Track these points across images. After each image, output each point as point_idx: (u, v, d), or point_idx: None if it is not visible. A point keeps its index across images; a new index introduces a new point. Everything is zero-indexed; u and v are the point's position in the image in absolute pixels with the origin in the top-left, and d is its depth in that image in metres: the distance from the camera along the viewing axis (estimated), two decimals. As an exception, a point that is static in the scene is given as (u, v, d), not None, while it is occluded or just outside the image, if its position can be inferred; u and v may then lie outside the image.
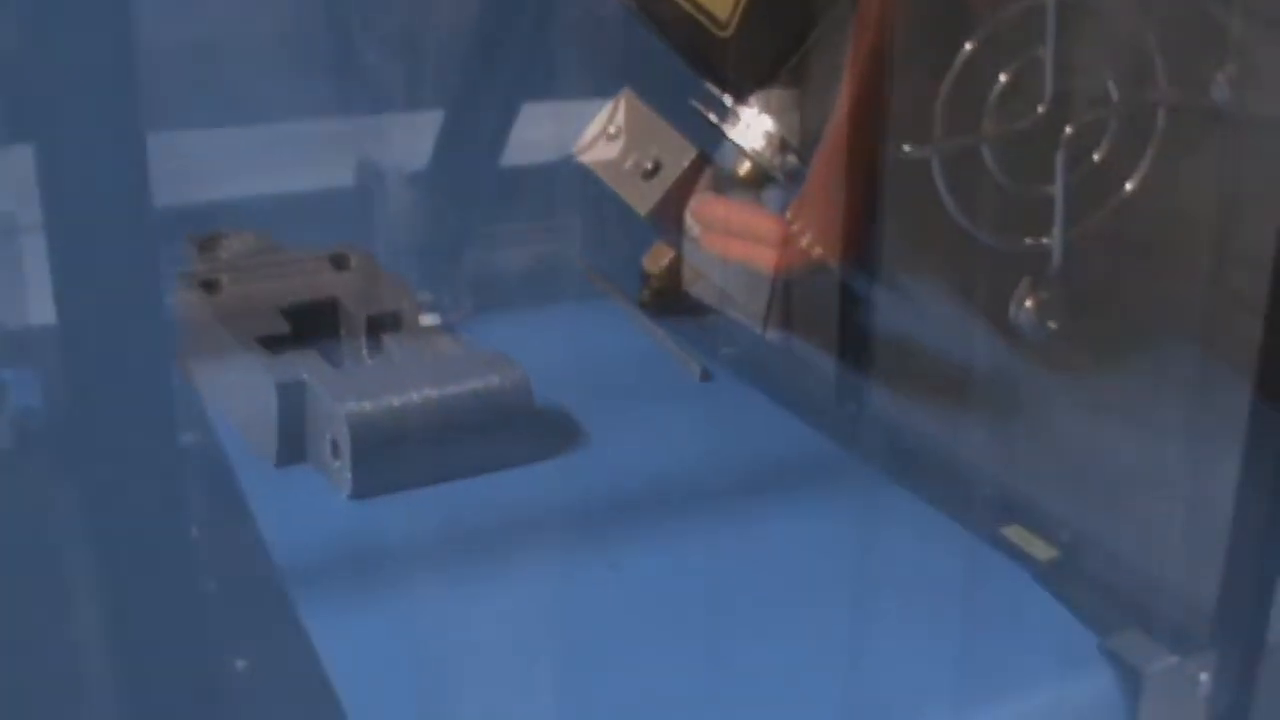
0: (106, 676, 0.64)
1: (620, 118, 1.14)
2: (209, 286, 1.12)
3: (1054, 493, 0.98)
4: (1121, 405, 1.00)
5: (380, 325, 1.09)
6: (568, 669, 0.80)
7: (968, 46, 1.07)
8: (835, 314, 1.11)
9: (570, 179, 1.25)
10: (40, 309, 0.56)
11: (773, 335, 1.21)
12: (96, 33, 0.54)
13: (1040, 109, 0.99)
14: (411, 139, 1.21)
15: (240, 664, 0.79)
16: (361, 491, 0.96)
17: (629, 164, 1.13)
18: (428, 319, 1.15)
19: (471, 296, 1.20)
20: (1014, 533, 0.97)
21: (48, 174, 0.54)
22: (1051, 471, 0.99)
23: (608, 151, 1.14)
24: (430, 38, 1.15)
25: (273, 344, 1.04)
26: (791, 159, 1.11)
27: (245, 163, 1.21)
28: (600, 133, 1.15)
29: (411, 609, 0.84)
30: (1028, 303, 0.97)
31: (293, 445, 0.99)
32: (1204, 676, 0.88)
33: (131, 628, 0.59)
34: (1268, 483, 0.84)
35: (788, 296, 1.16)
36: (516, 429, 1.00)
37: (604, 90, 1.25)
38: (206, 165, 1.11)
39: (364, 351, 1.08)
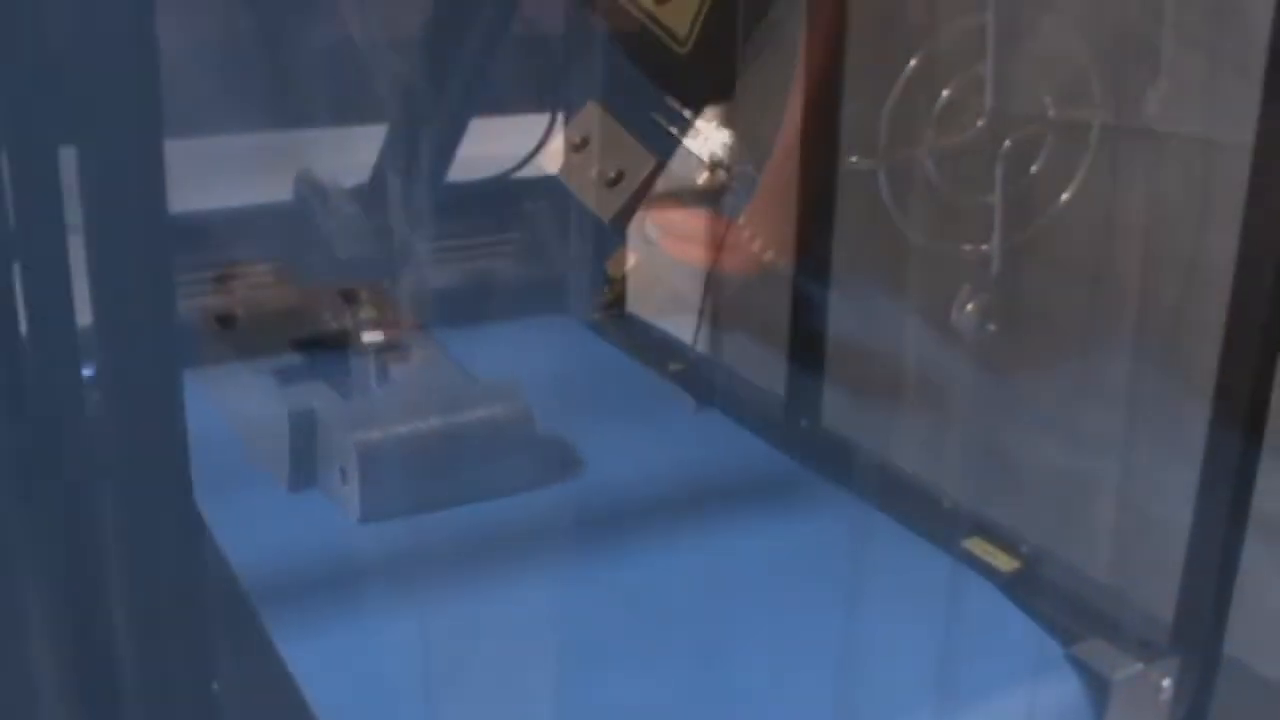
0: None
1: (586, 128, 1.14)
2: (225, 321, 1.16)
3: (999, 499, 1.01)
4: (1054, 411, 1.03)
5: (388, 356, 1.13)
6: (560, 677, 0.80)
7: (912, 62, 1.10)
8: (787, 327, 1.13)
9: (511, 195, 1.25)
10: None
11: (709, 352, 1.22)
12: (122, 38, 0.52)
13: (980, 123, 1.02)
14: (351, 153, 1.19)
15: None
16: (369, 515, 0.98)
17: (593, 172, 1.14)
18: (369, 337, 1.14)
19: (413, 314, 1.19)
20: (975, 545, 0.98)
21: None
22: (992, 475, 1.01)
23: (574, 160, 1.15)
24: (370, 51, 1.14)
25: (285, 375, 1.09)
26: (746, 168, 1.13)
27: (177, 177, 1.18)
28: (568, 142, 1.16)
29: (401, 626, 0.84)
30: (969, 306, 1.00)
31: (304, 470, 1.03)
32: (1166, 683, 0.90)
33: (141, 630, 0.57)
34: (1225, 494, 0.87)
35: (742, 309, 1.18)
36: (518, 456, 1.03)
37: (543, 105, 1.25)
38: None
39: (372, 381, 1.11)
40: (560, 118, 1.24)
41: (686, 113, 1.10)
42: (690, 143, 1.14)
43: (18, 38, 0.80)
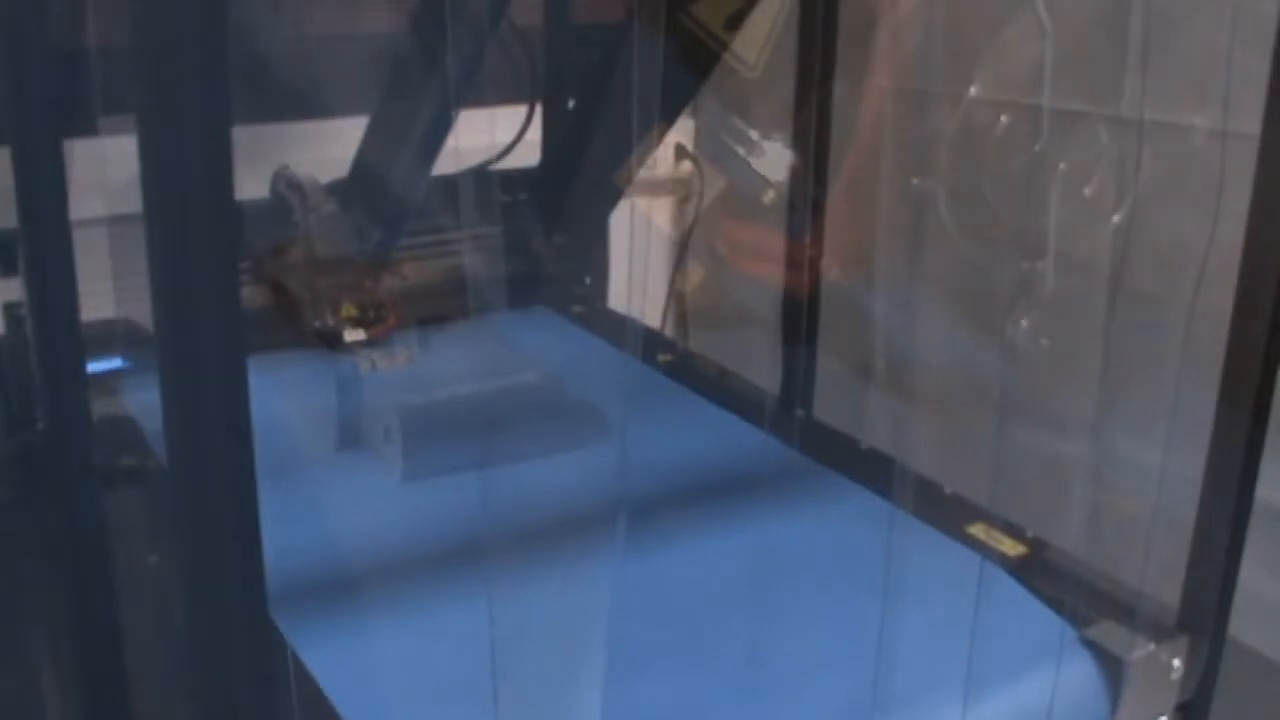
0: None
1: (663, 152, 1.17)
2: (278, 290, 1.16)
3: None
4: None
5: (429, 325, 1.18)
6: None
7: (972, 90, 1.12)
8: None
9: (487, 189, 1.24)
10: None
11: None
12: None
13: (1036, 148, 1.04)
14: (332, 146, 1.17)
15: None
16: (411, 474, 1.02)
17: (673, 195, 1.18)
18: (351, 335, 1.13)
19: (396, 310, 1.17)
20: (980, 530, 0.99)
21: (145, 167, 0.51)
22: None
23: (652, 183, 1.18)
24: (350, 42, 1.12)
25: (331, 341, 1.13)
26: (810, 188, 1.15)
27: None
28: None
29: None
30: (1023, 321, 1.01)
31: (351, 432, 1.07)
32: (1176, 662, 0.92)
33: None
34: (1230, 482, 0.89)
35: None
36: (548, 421, 1.08)
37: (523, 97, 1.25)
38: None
39: (414, 349, 1.15)
40: (539, 110, 1.24)
41: (754, 134, 1.13)
42: (757, 163, 1.17)
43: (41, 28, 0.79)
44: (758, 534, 0.97)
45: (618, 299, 1.31)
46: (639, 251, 1.42)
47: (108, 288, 0.91)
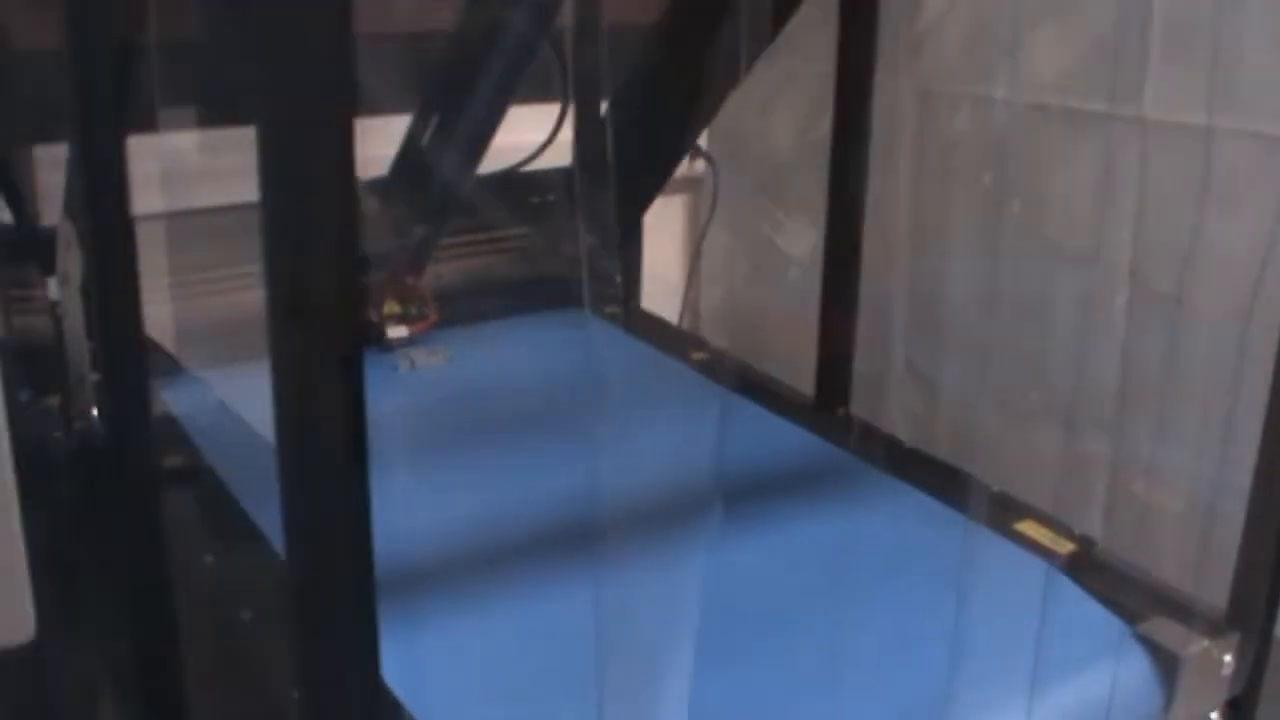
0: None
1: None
2: None
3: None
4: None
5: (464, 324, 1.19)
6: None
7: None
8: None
9: (519, 189, 1.24)
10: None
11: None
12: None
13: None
14: (369, 144, 1.16)
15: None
16: None
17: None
18: (395, 331, 1.12)
19: (436, 307, 1.17)
20: (1028, 527, 1.00)
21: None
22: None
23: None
24: (393, 41, 1.11)
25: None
26: None
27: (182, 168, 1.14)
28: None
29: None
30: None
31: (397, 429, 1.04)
32: (1227, 658, 0.93)
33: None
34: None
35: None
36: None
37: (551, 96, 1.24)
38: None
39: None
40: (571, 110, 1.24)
41: None
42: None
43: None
44: (809, 533, 0.97)
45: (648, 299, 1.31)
46: (658, 251, 1.43)
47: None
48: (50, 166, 1.10)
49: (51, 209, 1.12)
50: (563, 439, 1.02)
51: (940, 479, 1.04)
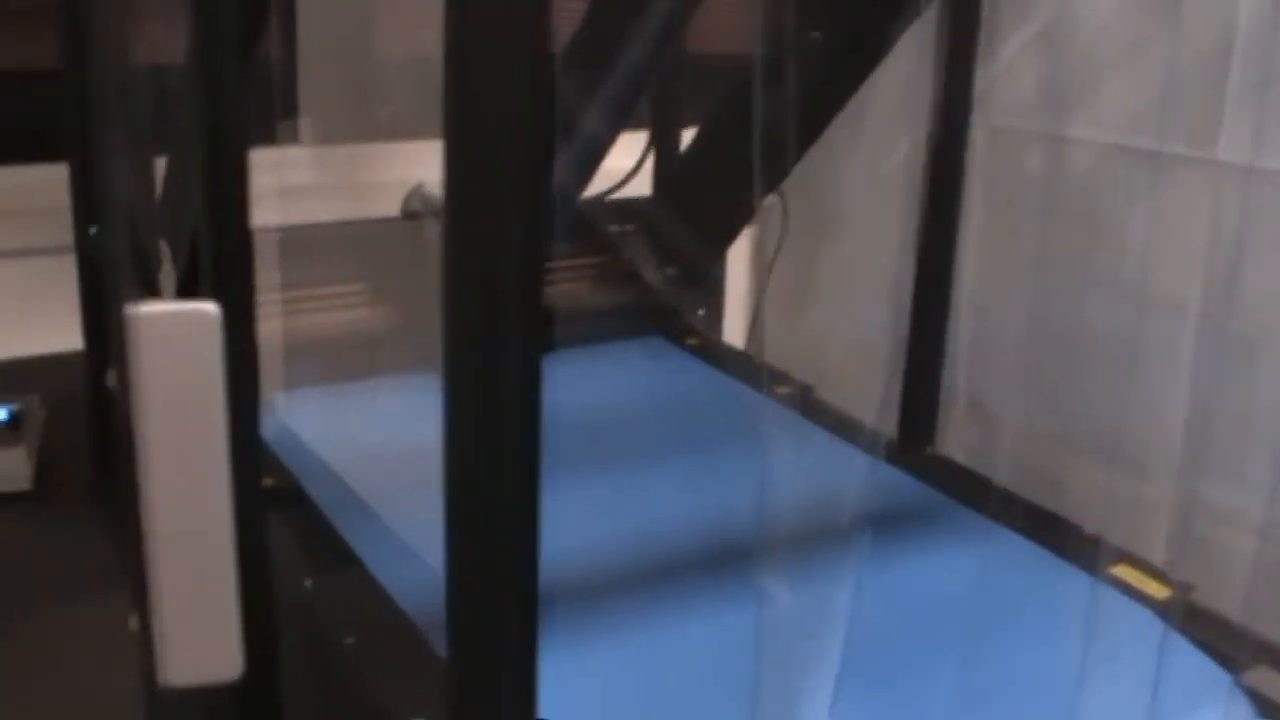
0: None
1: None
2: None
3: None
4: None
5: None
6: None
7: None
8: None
9: (607, 216, 1.23)
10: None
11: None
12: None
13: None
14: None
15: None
16: None
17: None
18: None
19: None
20: (1124, 571, 0.99)
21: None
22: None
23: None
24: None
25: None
26: None
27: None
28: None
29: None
30: None
31: None
32: (1328, 708, 0.92)
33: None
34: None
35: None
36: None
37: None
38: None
39: None
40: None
41: None
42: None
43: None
44: (902, 572, 0.97)
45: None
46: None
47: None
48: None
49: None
50: (652, 471, 1.02)
51: (1031, 520, 1.03)
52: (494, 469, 0.54)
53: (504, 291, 0.52)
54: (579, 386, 1.12)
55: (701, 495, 1.01)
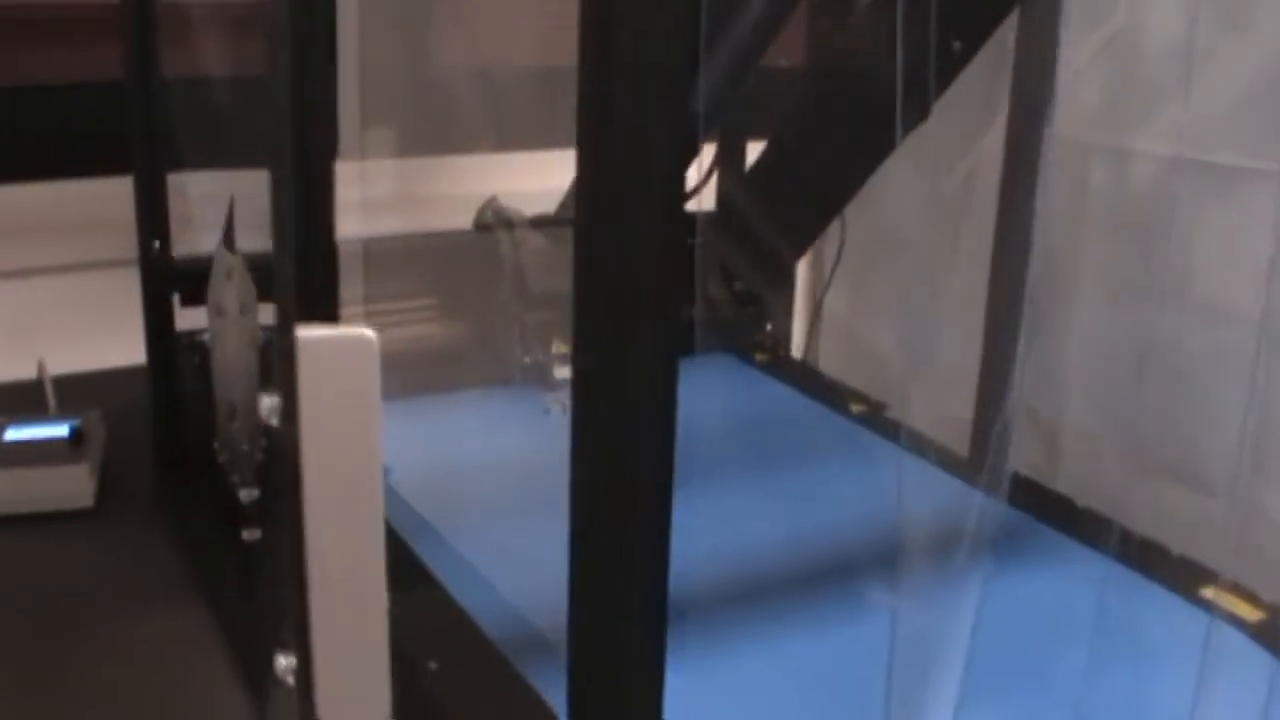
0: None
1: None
2: None
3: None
4: None
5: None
6: None
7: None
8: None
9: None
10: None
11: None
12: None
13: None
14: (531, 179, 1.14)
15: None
16: None
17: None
18: (562, 372, 1.10)
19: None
20: (1215, 594, 0.97)
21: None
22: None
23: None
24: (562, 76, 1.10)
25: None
26: None
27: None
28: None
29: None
30: None
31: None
32: None
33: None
34: None
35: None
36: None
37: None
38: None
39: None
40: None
41: None
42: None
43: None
44: (990, 592, 0.95)
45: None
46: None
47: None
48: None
49: (182, 240, 1.11)
50: (731, 488, 1.00)
51: (1117, 541, 1.01)
52: (628, 478, 0.52)
53: (641, 295, 0.51)
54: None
55: (793, 514, 1.00)
